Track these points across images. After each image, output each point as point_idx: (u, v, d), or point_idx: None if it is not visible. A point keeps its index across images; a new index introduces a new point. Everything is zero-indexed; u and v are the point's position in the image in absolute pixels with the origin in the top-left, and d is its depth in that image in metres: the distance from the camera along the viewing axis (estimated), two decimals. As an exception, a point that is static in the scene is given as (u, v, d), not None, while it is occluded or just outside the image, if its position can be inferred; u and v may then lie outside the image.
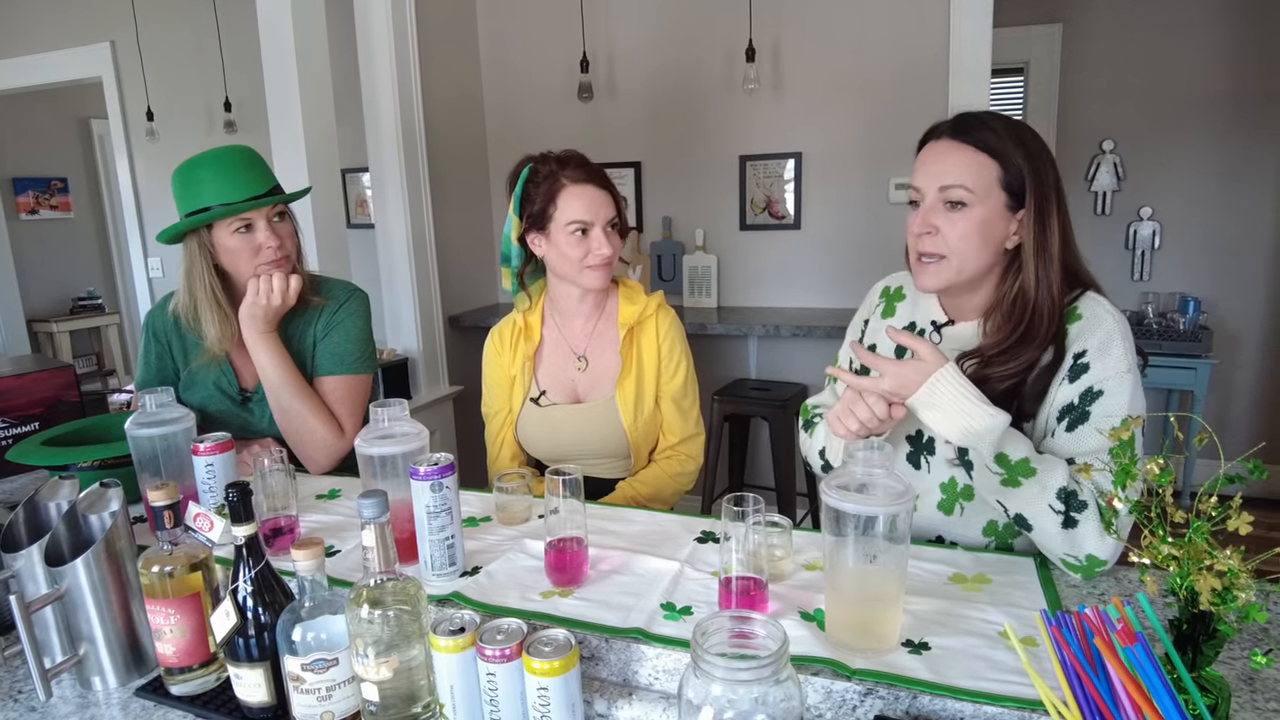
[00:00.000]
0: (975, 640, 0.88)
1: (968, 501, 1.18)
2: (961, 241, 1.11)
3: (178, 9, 3.91)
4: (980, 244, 1.11)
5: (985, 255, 1.12)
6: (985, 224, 1.10)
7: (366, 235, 3.39)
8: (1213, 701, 0.68)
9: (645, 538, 1.19)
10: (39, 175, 6.13)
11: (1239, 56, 3.45)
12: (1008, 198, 1.10)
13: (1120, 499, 0.72)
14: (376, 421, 1.11)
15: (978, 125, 1.11)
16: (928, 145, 1.16)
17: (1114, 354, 1.07)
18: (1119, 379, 1.06)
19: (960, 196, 1.10)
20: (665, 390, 1.62)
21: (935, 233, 1.12)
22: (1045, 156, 1.11)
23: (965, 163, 1.10)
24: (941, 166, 1.12)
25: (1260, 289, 3.57)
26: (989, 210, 1.10)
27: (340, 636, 0.84)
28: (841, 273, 3.18)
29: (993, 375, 1.10)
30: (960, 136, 1.11)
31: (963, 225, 1.10)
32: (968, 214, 1.10)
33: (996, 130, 1.10)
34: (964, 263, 1.12)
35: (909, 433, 1.24)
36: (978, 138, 1.10)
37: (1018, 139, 1.10)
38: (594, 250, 1.53)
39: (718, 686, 0.65)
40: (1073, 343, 1.10)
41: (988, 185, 1.09)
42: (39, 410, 1.71)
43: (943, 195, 1.11)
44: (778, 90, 3.13)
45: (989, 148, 1.09)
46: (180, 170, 1.51)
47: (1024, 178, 1.09)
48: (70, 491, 1.08)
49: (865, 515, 0.84)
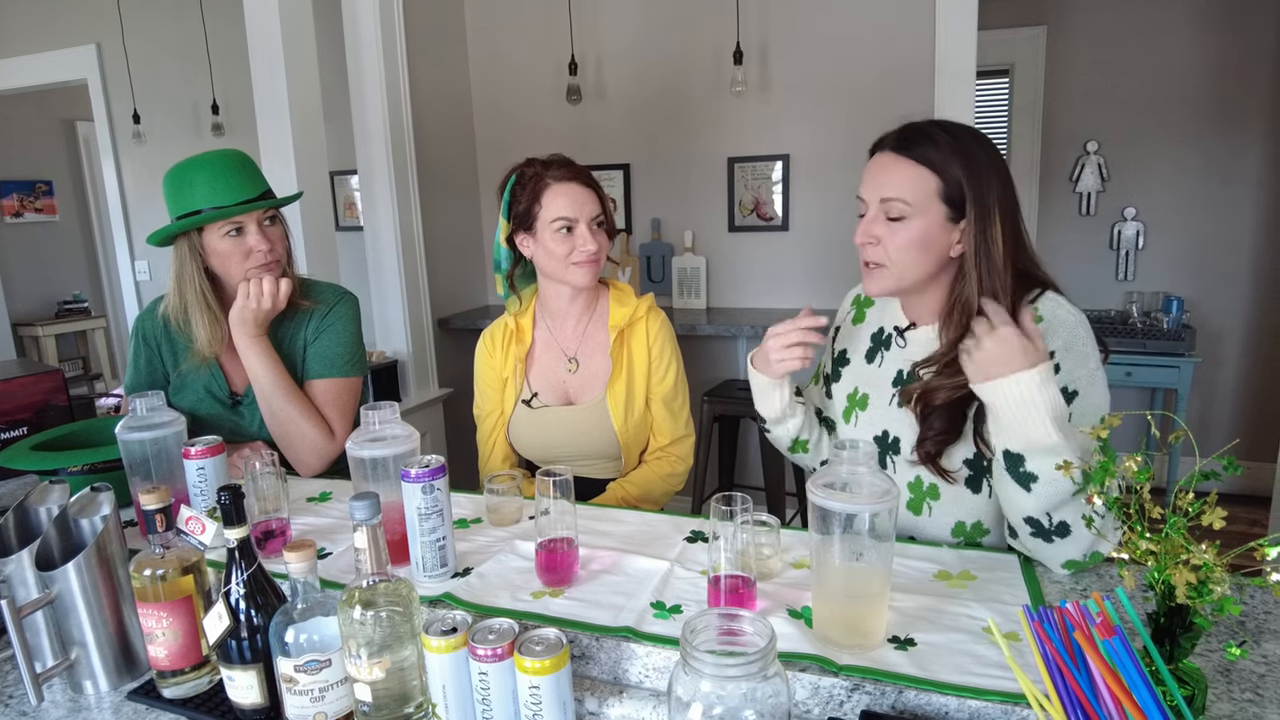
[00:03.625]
0: (960, 636, 0.89)
1: (935, 501, 1.21)
2: (900, 252, 1.13)
3: (164, 11, 3.89)
4: (919, 255, 1.13)
5: (925, 265, 1.14)
6: (924, 235, 1.12)
7: (355, 238, 3.39)
8: (1190, 693, 0.69)
9: (635, 538, 1.20)
10: (23, 178, 6.08)
11: (1220, 59, 3.49)
12: (948, 209, 1.12)
13: (1100, 495, 0.74)
14: (368, 424, 1.11)
15: (920, 138, 1.13)
16: (873, 157, 1.18)
17: (1080, 352, 1.09)
18: (1090, 377, 1.09)
19: (899, 211, 1.12)
20: (655, 392, 1.63)
21: (876, 243, 1.15)
22: (990, 166, 1.12)
23: (905, 176, 1.12)
24: (882, 179, 1.14)
25: (1242, 288, 3.62)
26: (928, 222, 1.12)
27: (333, 638, 0.85)
28: (829, 274, 3.20)
29: (945, 384, 1.13)
30: (902, 150, 1.13)
31: (902, 236, 1.13)
32: (907, 226, 1.12)
33: (938, 143, 1.11)
34: (904, 271, 1.15)
35: (876, 433, 1.26)
36: (918, 152, 1.12)
37: (960, 151, 1.11)
38: (579, 246, 1.54)
39: (707, 683, 0.66)
40: None
41: (926, 198, 1.11)
42: (27, 415, 1.70)
43: (883, 208, 1.14)
44: (765, 92, 3.15)
45: (928, 161, 1.11)
46: (172, 173, 1.51)
47: (962, 189, 1.10)
48: (61, 496, 1.08)
49: (850, 513, 0.86)
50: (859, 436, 1.28)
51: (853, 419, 1.31)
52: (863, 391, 1.30)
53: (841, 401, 1.35)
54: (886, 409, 1.26)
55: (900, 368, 1.25)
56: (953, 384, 1.12)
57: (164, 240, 1.53)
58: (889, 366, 1.27)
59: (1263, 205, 3.53)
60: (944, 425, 1.16)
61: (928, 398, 1.16)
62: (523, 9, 3.42)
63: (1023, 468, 1.02)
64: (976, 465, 1.17)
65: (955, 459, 1.18)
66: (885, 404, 1.26)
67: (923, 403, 1.17)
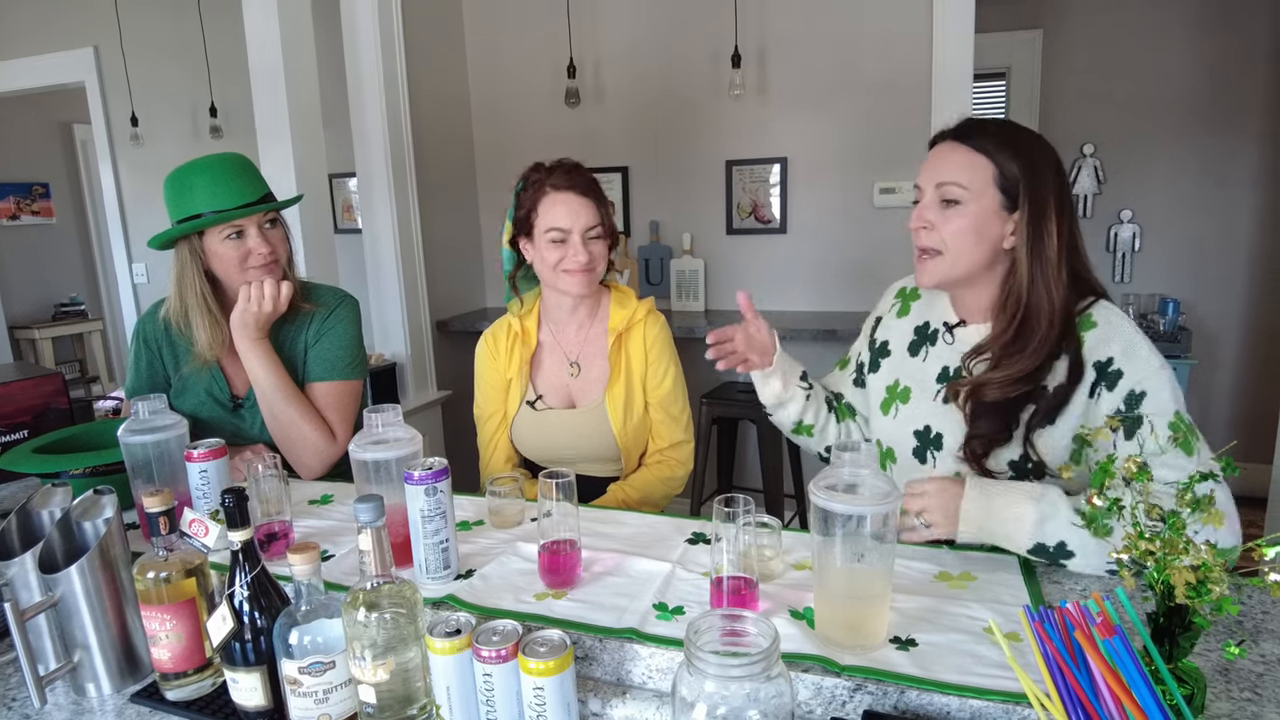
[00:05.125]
0: (961, 636, 0.90)
1: None
2: (955, 237, 1.16)
3: (162, 13, 3.89)
4: (973, 241, 1.15)
5: (979, 252, 1.16)
6: (978, 221, 1.14)
7: (354, 240, 3.39)
8: (1189, 692, 0.70)
9: (637, 539, 1.20)
10: (20, 181, 6.07)
11: (1216, 61, 3.51)
12: (1003, 198, 1.14)
13: (1100, 496, 0.74)
14: (370, 427, 1.12)
15: (978, 129, 1.16)
16: (934, 148, 1.21)
17: (1142, 354, 1.09)
18: (1155, 376, 1.08)
19: (955, 194, 1.14)
20: (653, 396, 1.64)
21: (931, 228, 1.17)
22: (1045, 163, 1.15)
23: (961, 162, 1.15)
24: (940, 165, 1.17)
25: (1238, 290, 3.63)
26: (982, 209, 1.14)
27: (336, 640, 0.85)
28: (827, 276, 3.20)
29: (995, 379, 1.13)
30: (961, 138, 1.17)
31: (956, 222, 1.15)
32: (961, 211, 1.15)
33: (996, 135, 1.15)
34: (958, 257, 1.16)
35: (916, 427, 1.27)
36: (977, 141, 1.15)
37: (1017, 145, 1.14)
38: (569, 257, 1.54)
39: (711, 683, 0.67)
40: (1091, 351, 1.12)
41: (982, 184, 1.14)
42: (27, 418, 1.70)
43: (939, 192, 1.16)
44: (763, 95, 3.16)
45: (985, 150, 1.14)
46: (172, 177, 1.51)
47: (1018, 180, 1.13)
48: (63, 499, 1.08)
49: (853, 515, 0.86)
50: (898, 430, 1.30)
51: (892, 410, 1.32)
52: (904, 384, 1.31)
53: (880, 393, 1.35)
54: (930, 404, 1.26)
55: (947, 364, 1.26)
56: (1004, 378, 1.13)
57: (165, 244, 1.53)
58: (934, 362, 1.27)
59: (1259, 207, 3.54)
60: (993, 427, 1.15)
61: (978, 394, 1.16)
62: (521, 12, 3.43)
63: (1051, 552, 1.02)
64: (1021, 467, 1.16)
65: (1001, 460, 1.17)
66: (929, 399, 1.26)
67: (972, 399, 1.17)
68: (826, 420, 1.45)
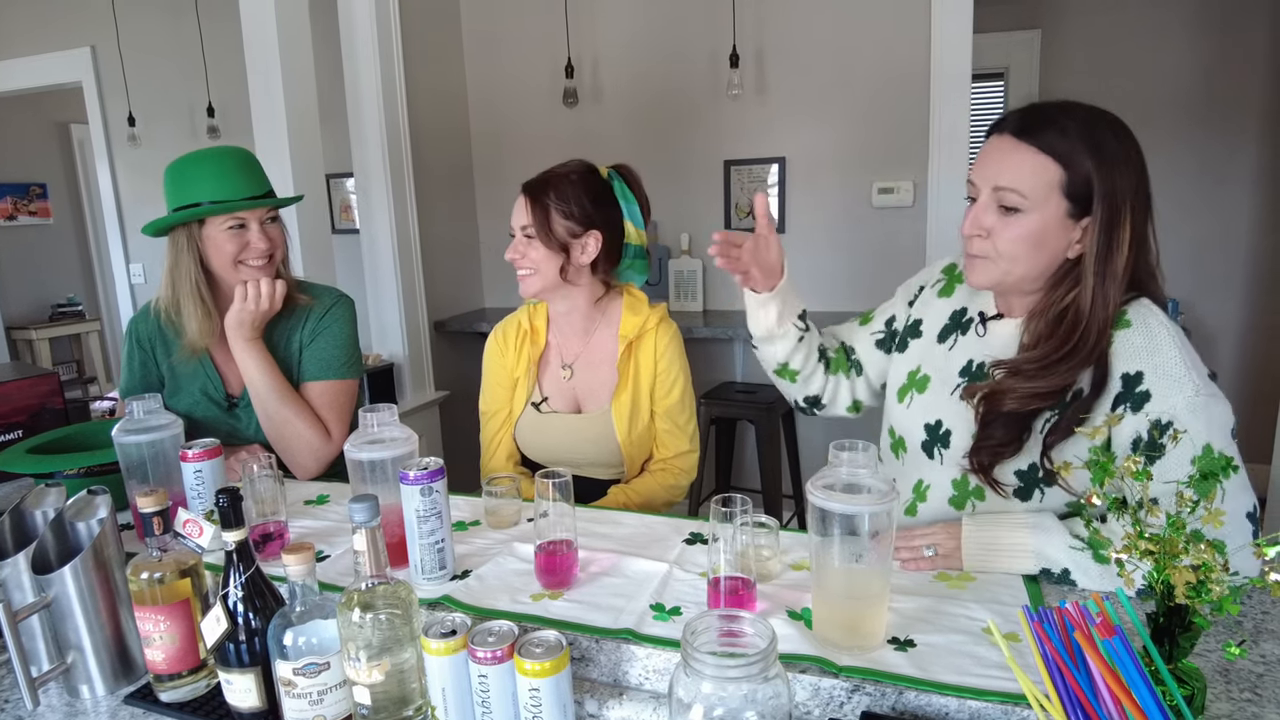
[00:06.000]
0: (960, 637, 0.89)
1: (980, 501, 1.13)
2: (1012, 246, 1.04)
3: (159, 13, 3.88)
4: (1032, 252, 1.03)
5: (1038, 263, 1.04)
6: (1040, 232, 1.02)
7: (351, 240, 3.38)
8: (1189, 692, 0.69)
9: (634, 540, 1.20)
10: (17, 181, 6.06)
11: (1214, 61, 3.51)
12: (1070, 205, 1.01)
13: (1098, 496, 0.74)
14: (366, 426, 1.11)
15: (1045, 123, 1.01)
16: (991, 139, 1.06)
17: (1176, 374, 0.97)
18: (1189, 404, 0.96)
19: (1014, 202, 1.02)
20: (660, 406, 1.61)
21: (985, 235, 1.06)
22: (1127, 160, 1.01)
23: (1024, 165, 1.01)
24: (999, 165, 1.03)
25: (1236, 289, 3.63)
26: (1046, 218, 1.01)
27: (331, 641, 0.84)
28: (825, 276, 3.20)
29: (1018, 389, 1.03)
30: (1024, 135, 1.02)
31: (1015, 230, 1.03)
32: (1021, 220, 1.02)
33: (1066, 129, 1.00)
34: (1013, 266, 1.05)
35: (928, 420, 1.19)
36: (1042, 138, 1.00)
37: (1092, 141, 0.99)
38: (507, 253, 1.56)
39: (708, 684, 0.66)
40: (1120, 357, 1.01)
41: (1046, 191, 1.01)
42: (22, 418, 1.70)
43: (996, 197, 1.04)
44: (761, 95, 3.16)
45: (1053, 150, 1.00)
46: (175, 165, 1.51)
47: (1091, 183, 1.00)
48: (57, 499, 1.08)
49: (851, 515, 0.86)
50: (910, 420, 1.22)
51: (907, 399, 1.23)
52: (925, 372, 1.21)
53: (900, 378, 1.26)
54: (947, 398, 1.16)
55: (972, 357, 1.15)
56: (1028, 391, 1.02)
57: (161, 230, 1.53)
58: (960, 353, 1.17)
59: (1258, 207, 3.55)
60: (1005, 436, 1.05)
61: (995, 400, 1.05)
62: (519, 12, 3.42)
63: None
64: (1030, 477, 1.08)
65: (1007, 471, 1.08)
66: (947, 392, 1.16)
67: (987, 404, 1.07)
68: (814, 369, 1.35)
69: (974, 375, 1.15)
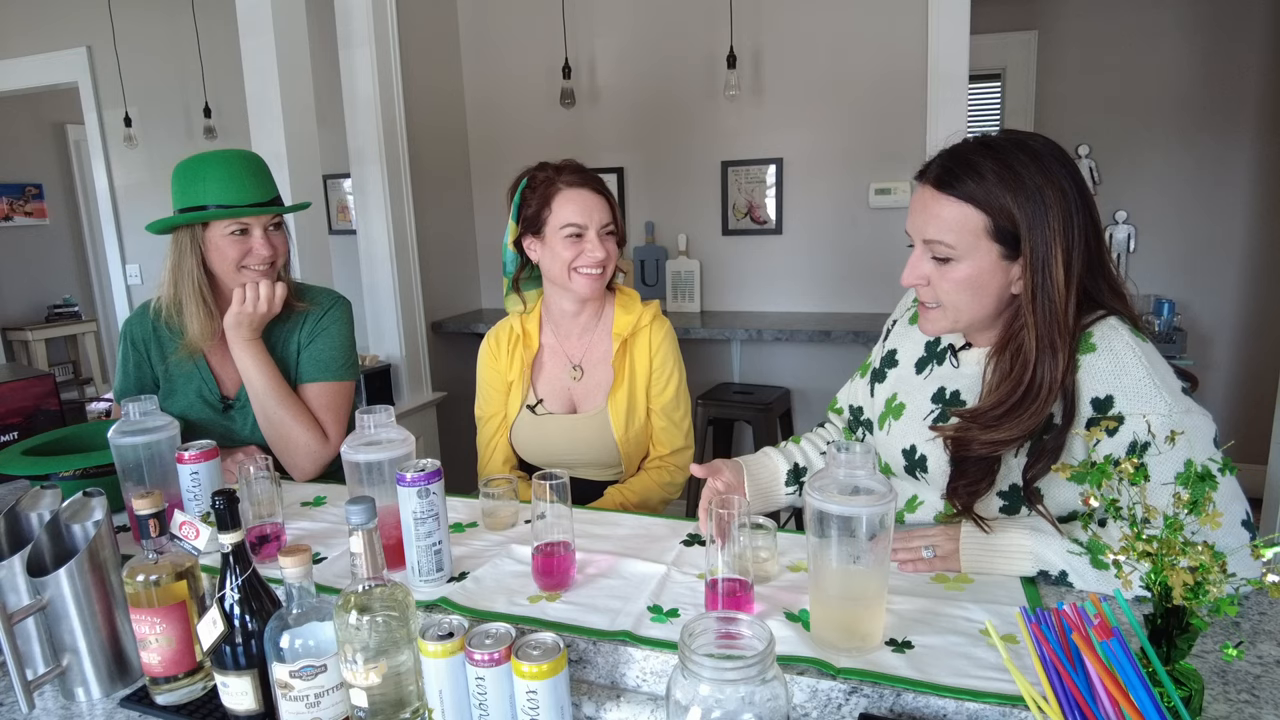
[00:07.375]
0: (957, 638, 0.89)
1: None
2: (953, 294, 1.05)
3: (156, 13, 3.87)
4: (974, 297, 1.04)
5: (984, 306, 1.05)
6: (976, 277, 1.03)
7: (348, 241, 3.38)
8: (1187, 694, 0.69)
9: (632, 541, 1.20)
10: (13, 181, 6.05)
11: (1210, 62, 3.52)
12: (1001, 248, 1.01)
13: (1096, 498, 0.74)
14: (363, 428, 1.11)
15: (964, 169, 1.01)
16: (915, 189, 1.08)
17: (1144, 395, 0.97)
18: (1162, 425, 0.95)
19: (944, 253, 1.03)
20: (656, 403, 1.62)
21: (926, 283, 1.07)
22: (1050, 190, 0.98)
23: (946, 216, 1.02)
24: (923, 218, 1.05)
25: (1232, 290, 3.64)
26: (979, 263, 1.02)
27: (328, 643, 0.84)
28: (823, 277, 3.20)
29: (980, 439, 1.04)
30: (943, 186, 1.02)
31: (951, 278, 1.04)
32: (955, 268, 1.03)
33: (983, 174, 0.99)
34: (959, 313, 1.07)
35: (904, 446, 1.20)
36: (961, 188, 1.00)
37: (1011, 181, 0.98)
38: (586, 252, 1.52)
39: (705, 686, 0.66)
40: (1086, 383, 1.00)
41: (973, 239, 1.01)
42: (18, 420, 1.69)
43: (928, 248, 1.05)
44: (759, 96, 3.16)
45: (971, 198, 1.00)
46: (184, 164, 1.50)
47: (1017, 225, 0.99)
48: (52, 501, 1.07)
49: (848, 516, 0.85)
50: (889, 446, 1.23)
51: (886, 426, 1.24)
52: (900, 400, 1.23)
53: (880, 406, 1.27)
54: (920, 424, 1.17)
55: (944, 385, 1.17)
56: (990, 439, 1.02)
57: (165, 229, 1.52)
58: (934, 382, 1.19)
59: (1254, 207, 3.55)
60: (978, 473, 1.06)
61: (961, 446, 1.06)
62: (516, 13, 3.42)
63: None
64: (1013, 495, 1.08)
65: (990, 505, 1.08)
66: (920, 419, 1.18)
67: (954, 447, 1.08)
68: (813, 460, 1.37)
69: (947, 402, 1.16)
